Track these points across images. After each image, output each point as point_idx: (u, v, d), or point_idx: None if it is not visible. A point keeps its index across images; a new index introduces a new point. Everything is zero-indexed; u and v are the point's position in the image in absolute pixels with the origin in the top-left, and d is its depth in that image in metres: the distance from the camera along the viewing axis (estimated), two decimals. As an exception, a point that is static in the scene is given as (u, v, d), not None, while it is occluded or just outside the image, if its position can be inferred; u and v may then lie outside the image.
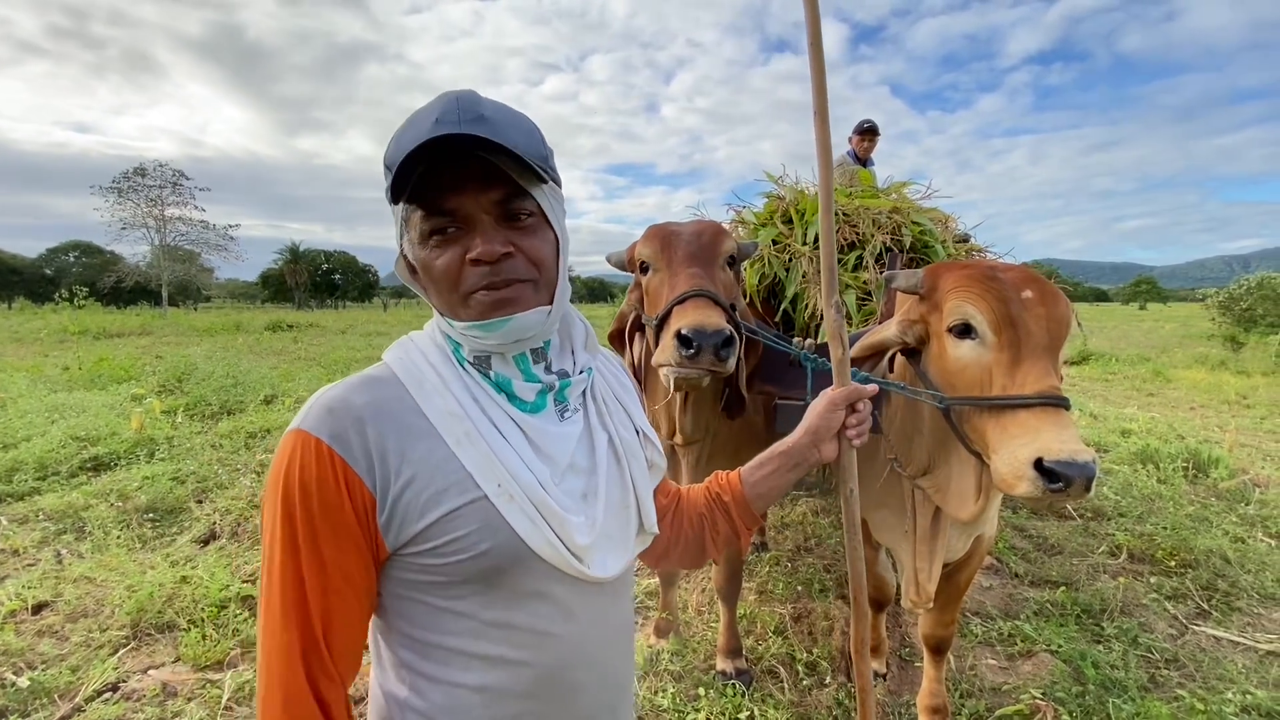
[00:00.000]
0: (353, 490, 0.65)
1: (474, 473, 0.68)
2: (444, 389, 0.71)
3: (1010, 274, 1.31)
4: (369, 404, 0.68)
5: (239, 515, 3.63)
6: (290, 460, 0.65)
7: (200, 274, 43.83)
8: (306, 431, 0.65)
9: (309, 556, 0.64)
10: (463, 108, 0.65)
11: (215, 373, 7.73)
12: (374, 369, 0.75)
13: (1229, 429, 6.03)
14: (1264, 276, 16.33)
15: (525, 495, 0.69)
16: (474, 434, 0.69)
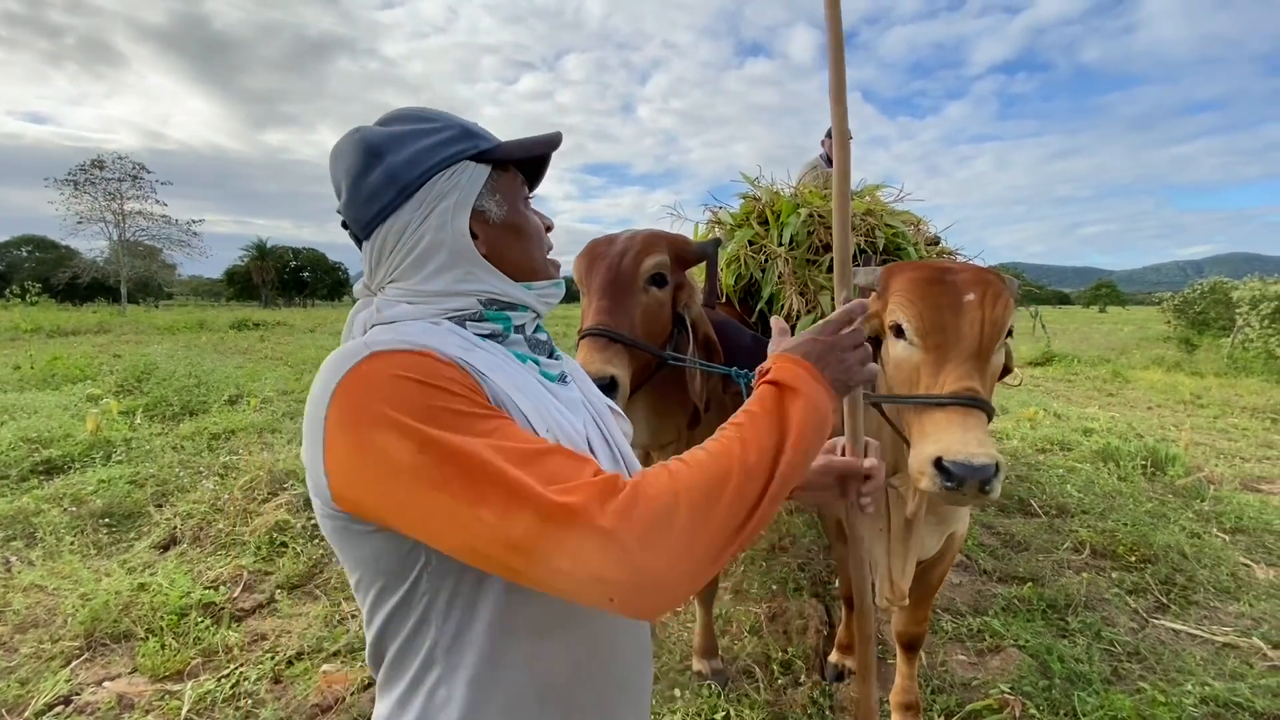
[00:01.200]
0: (471, 380, 0.63)
1: (530, 416, 0.68)
2: (473, 350, 0.70)
3: (957, 276, 1.31)
4: (428, 342, 0.64)
5: (201, 519, 3.51)
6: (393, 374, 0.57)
7: (162, 270, 42.43)
8: (391, 349, 0.60)
9: (489, 420, 0.58)
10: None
11: (177, 372, 7.49)
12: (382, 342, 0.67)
13: (1184, 428, 6.25)
14: (1215, 281, 16.98)
15: (571, 444, 0.70)
16: (522, 386, 0.70)
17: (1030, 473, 4.61)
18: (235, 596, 2.80)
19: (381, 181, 0.71)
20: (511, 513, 0.52)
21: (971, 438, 1.10)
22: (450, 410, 0.57)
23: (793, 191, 2.93)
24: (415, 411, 0.56)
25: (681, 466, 0.59)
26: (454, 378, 0.60)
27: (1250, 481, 4.66)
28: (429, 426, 0.55)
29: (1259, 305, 12.26)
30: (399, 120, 0.75)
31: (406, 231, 0.72)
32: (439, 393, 0.58)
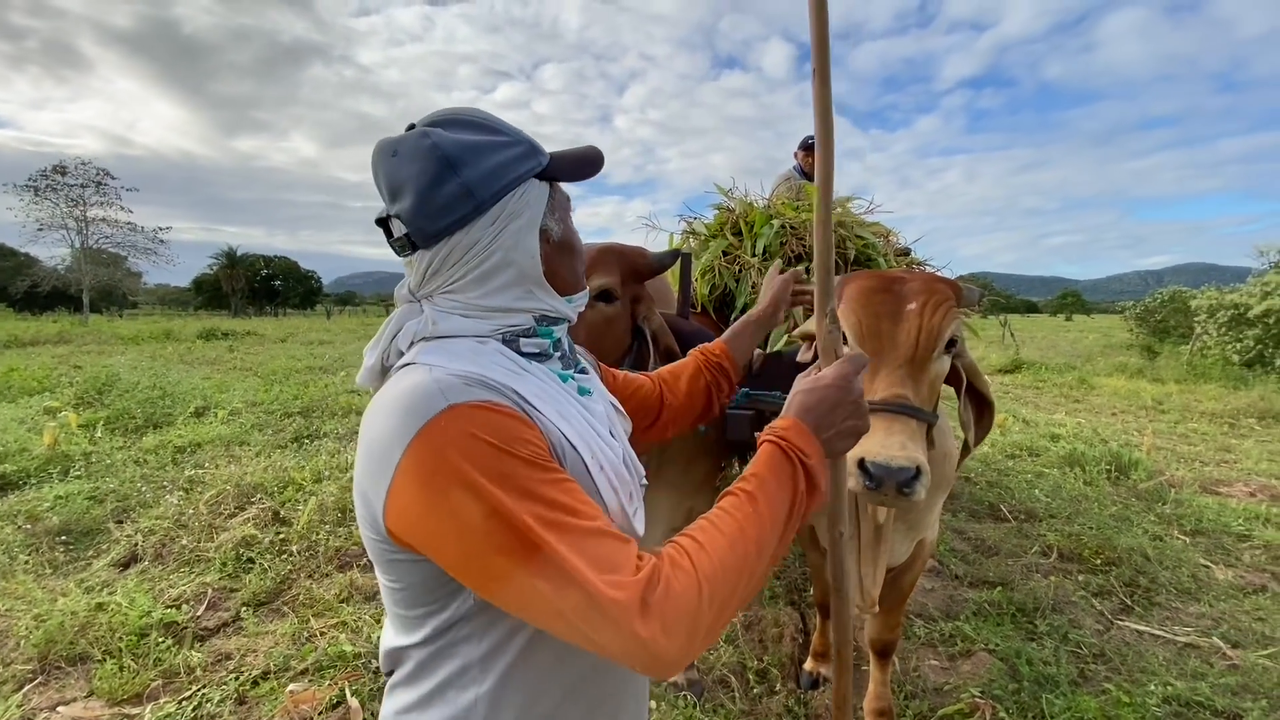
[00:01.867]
0: (534, 432, 0.65)
1: (576, 444, 0.71)
2: (521, 376, 0.72)
3: (903, 285, 1.34)
4: (482, 372, 0.68)
5: (164, 536, 3.41)
6: (470, 434, 0.60)
7: (126, 279, 41.28)
8: (464, 404, 0.62)
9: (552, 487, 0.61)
10: None
11: (140, 383, 7.28)
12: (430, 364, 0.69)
13: (1146, 433, 6.43)
14: (1175, 290, 17.57)
15: (610, 466, 0.75)
16: (566, 411, 0.73)
17: (1000, 478, 4.70)
18: (198, 615, 2.72)
19: (456, 195, 0.70)
20: (564, 591, 0.57)
21: (894, 441, 1.14)
22: (520, 476, 0.60)
23: (766, 203, 2.96)
24: (489, 474, 0.59)
25: (703, 557, 0.62)
26: (524, 438, 0.63)
27: (1209, 484, 4.80)
28: (500, 491, 0.58)
29: (1216, 314, 12.71)
30: (467, 127, 0.73)
31: (476, 247, 0.72)
32: (509, 459, 0.60)
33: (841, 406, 0.81)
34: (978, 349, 13.40)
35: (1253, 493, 4.60)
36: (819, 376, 0.85)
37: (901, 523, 1.77)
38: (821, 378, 0.84)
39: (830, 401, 0.81)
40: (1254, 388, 9.31)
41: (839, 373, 0.84)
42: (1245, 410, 7.52)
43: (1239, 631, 2.67)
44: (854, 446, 0.85)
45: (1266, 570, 3.29)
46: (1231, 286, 13.37)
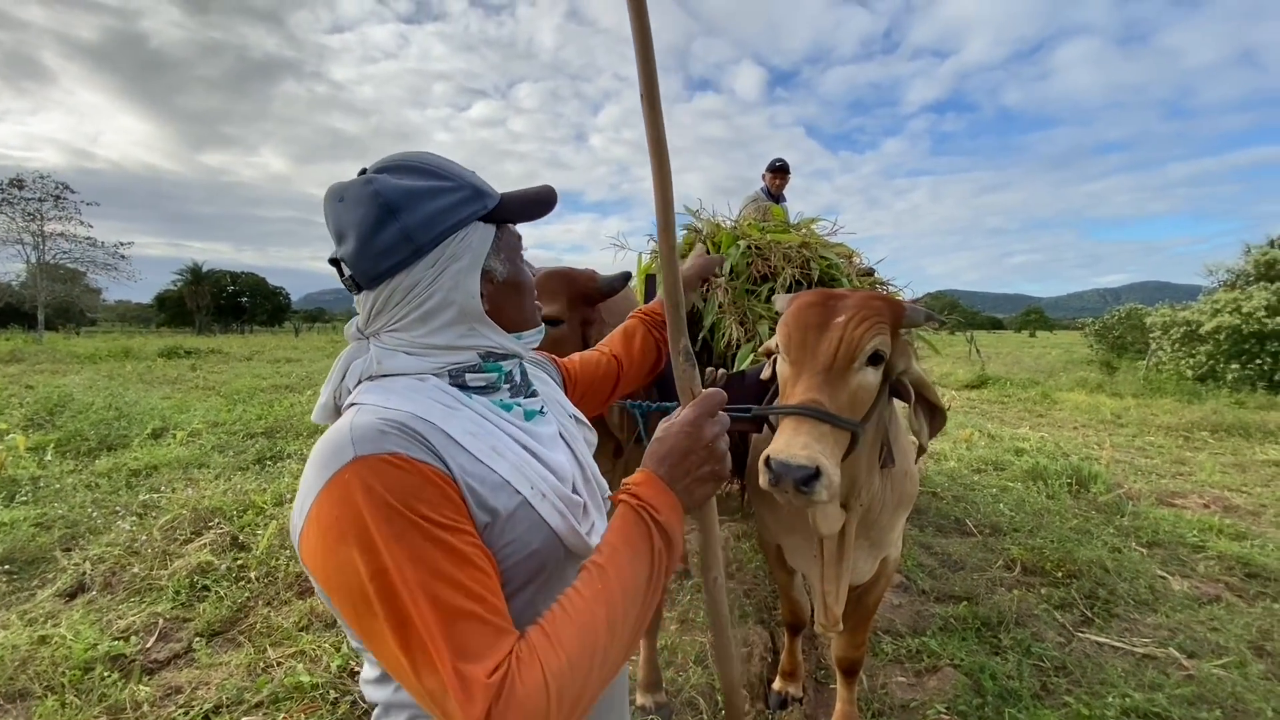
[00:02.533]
0: (446, 481, 0.66)
1: (510, 479, 0.72)
2: (456, 414, 0.74)
3: (836, 301, 1.40)
4: (404, 419, 0.68)
5: (114, 563, 3.28)
6: (367, 489, 0.61)
7: (85, 295, 39.96)
8: (371, 455, 0.63)
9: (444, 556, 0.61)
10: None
11: (95, 404, 7.04)
12: (367, 407, 0.72)
13: (1105, 446, 6.61)
14: (1131, 308, 18.22)
15: (554, 492, 0.77)
16: (500, 446, 0.74)
17: (966, 493, 4.78)
18: (148, 647, 2.61)
19: (395, 240, 0.73)
20: (424, 670, 0.58)
21: (797, 441, 1.19)
22: (411, 539, 0.60)
23: (733, 224, 3.00)
24: (381, 534, 0.59)
25: (551, 655, 0.61)
26: (426, 496, 0.63)
27: (1165, 496, 4.95)
28: (388, 553, 0.59)
29: (1170, 330, 13.20)
30: (410, 172, 0.76)
31: (417, 288, 0.75)
32: (404, 519, 0.61)
33: (693, 454, 0.79)
34: (944, 364, 13.68)
35: (1206, 504, 4.75)
36: (671, 422, 0.83)
37: (864, 539, 1.79)
38: (672, 425, 0.82)
39: (681, 450, 0.78)
40: (1206, 401, 9.66)
41: (688, 418, 0.81)
42: (1199, 423, 7.79)
43: (1194, 642, 2.74)
44: (714, 492, 0.82)
45: (1220, 580, 3.38)
46: (1184, 304, 13.91)
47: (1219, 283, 13.99)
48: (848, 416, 1.28)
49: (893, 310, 1.38)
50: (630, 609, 0.67)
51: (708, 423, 0.81)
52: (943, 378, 12.72)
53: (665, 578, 0.73)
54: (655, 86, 0.77)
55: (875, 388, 1.34)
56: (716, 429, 0.82)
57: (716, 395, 0.84)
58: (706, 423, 0.81)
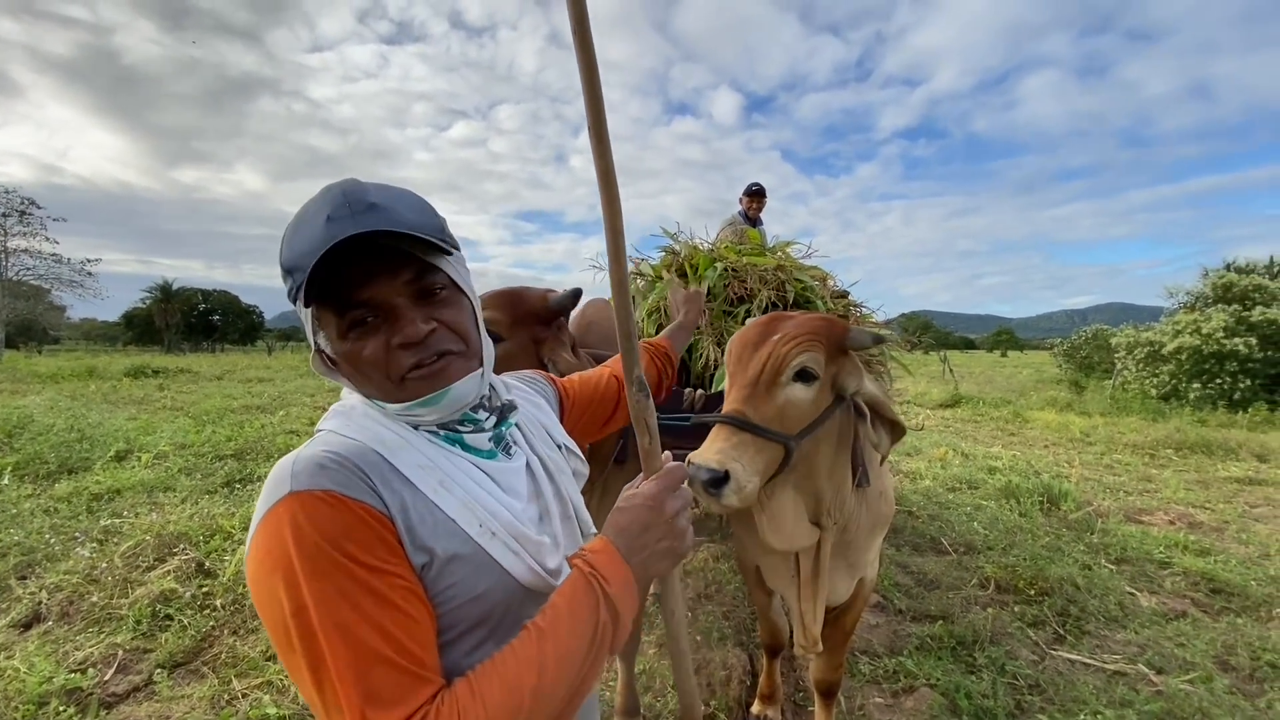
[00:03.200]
0: (379, 521, 0.64)
1: (457, 518, 0.71)
2: (407, 445, 0.73)
3: (777, 323, 1.49)
4: (350, 453, 0.68)
5: (72, 591, 3.16)
6: (297, 526, 0.60)
7: (48, 313, 38.90)
8: (305, 491, 0.62)
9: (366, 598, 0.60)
10: (351, 201, 0.68)
11: (56, 425, 6.82)
12: (322, 435, 0.73)
13: (1075, 464, 6.76)
14: (1097, 329, 18.77)
15: (506, 531, 0.74)
16: (448, 481, 0.72)
17: (941, 511, 4.84)
18: (106, 679, 2.51)
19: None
20: (333, 713, 0.58)
21: (713, 447, 1.30)
22: (335, 578, 0.59)
23: (711, 246, 3.04)
24: (305, 571, 0.59)
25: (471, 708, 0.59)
26: (356, 536, 0.62)
27: (1133, 513, 5.06)
28: (309, 591, 0.58)
29: (1134, 350, 13.61)
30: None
31: None
32: (329, 558, 0.59)
33: (654, 528, 0.77)
34: (919, 384, 13.89)
35: (1172, 521, 4.86)
36: (634, 493, 0.80)
37: (842, 560, 1.80)
38: (635, 495, 0.80)
39: (641, 523, 0.77)
40: (1171, 420, 9.94)
41: (653, 490, 0.79)
42: (1163, 441, 8.00)
43: (1162, 657, 2.79)
44: (672, 567, 0.81)
45: (1186, 596, 3.46)
46: (1147, 325, 14.37)
47: (1179, 304, 14.50)
48: (775, 429, 1.35)
49: (831, 332, 1.44)
50: (562, 679, 0.65)
51: (670, 498, 0.80)
52: (918, 397, 12.92)
53: (608, 651, 0.70)
54: (603, 118, 0.73)
55: (806, 404, 1.40)
56: (678, 504, 0.80)
57: (679, 470, 0.83)
58: (669, 498, 0.79)
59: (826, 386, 1.43)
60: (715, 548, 3.95)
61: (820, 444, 1.46)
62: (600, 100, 0.73)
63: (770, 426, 1.34)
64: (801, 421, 1.39)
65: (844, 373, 1.45)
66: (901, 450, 7.33)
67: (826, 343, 1.42)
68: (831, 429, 1.47)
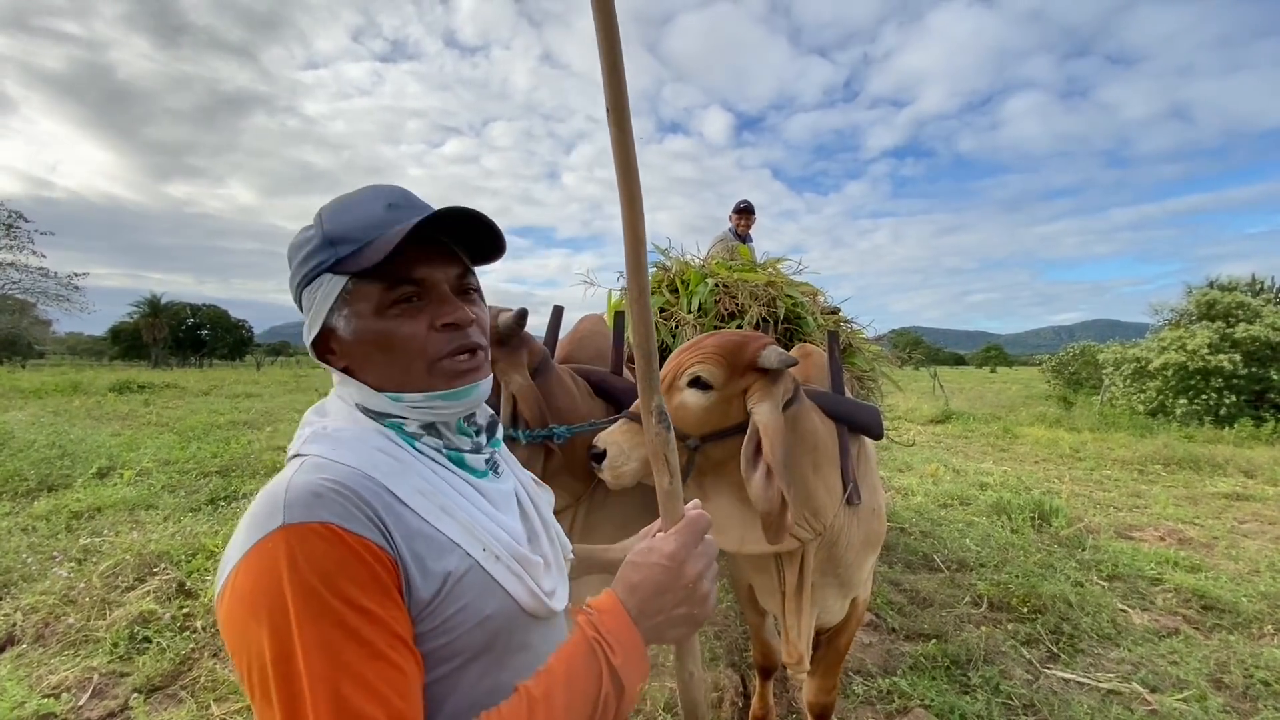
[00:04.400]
0: (379, 559, 0.60)
1: (460, 542, 0.68)
2: (403, 469, 0.69)
3: (700, 339, 1.58)
4: (347, 480, 0.63)
5: (48, 613, 3.08)
6: (290, 562, 0.55)
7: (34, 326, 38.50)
8: (300, 524, 0.57)
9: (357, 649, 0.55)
10: (409, 197, 0.74)
11: (37, 441, 6.71)
12: (311, 461, 0.67)
13: (1065, 480, 6.77)
14: (1085, 345, 18.94)
15: (508, 553, 0.71)
16: (449, 505, 0.69)
17: (933, 528, 4.83)
18: (81, 705, 2.43)
19: (291, 288, 0.75)
20: None
21: (607, 431, 1.49)
22: (324, 626, 0.55)
23: (702, 262, 3.05)
24: (296, 613, 0.55)
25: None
26: (351, 574, 0.57)
27: (1123, 529, 5.07)
28: (298, 638, 0.54)
29: (1121, 366, 13.73)
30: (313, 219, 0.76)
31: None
32: (321, 602, 0.55)
33: (671, 592, 0.70)
34: (909, 400, 13.95)
35: (1162, 537, 4.87)
36: (650, 547, 0.73)
37: (833, 578, 1.78)
38: (652, 550, 0.72)
39: (657, 585, 0.70)
40: (1158, 436, 10.01)
41: (672, 548, 0.71)
42: (1152, 457, 8.05)
43: (1156, 675, 2.77)
44: (689, 634, 0.74)
45: (1178, 613, 3.45)
46: (1133, 341, 14.52)
47: (1164, 321, 14.67)
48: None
49: (739, 350, 1.50)
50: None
51: (692, 557, 0.72)
52: (908, 413, 12.96)
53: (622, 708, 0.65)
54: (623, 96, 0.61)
55: (701, 409, 1.49)
56: (701, 564, 0.72)
57: (702, 521, 0.75)
58: (691, 557, 0.72)
59: (736, 400, 1.49)
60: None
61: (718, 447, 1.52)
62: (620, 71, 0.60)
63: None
64: (699, 425, 1.49)
65: (755, 390, 1.48)
66: (893, 466, 7.33)
67: (730, 359, 1.49)
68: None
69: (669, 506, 0.76)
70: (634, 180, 0.65)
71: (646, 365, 0.73)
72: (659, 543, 0.73)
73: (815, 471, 1.56)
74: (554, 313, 2.08)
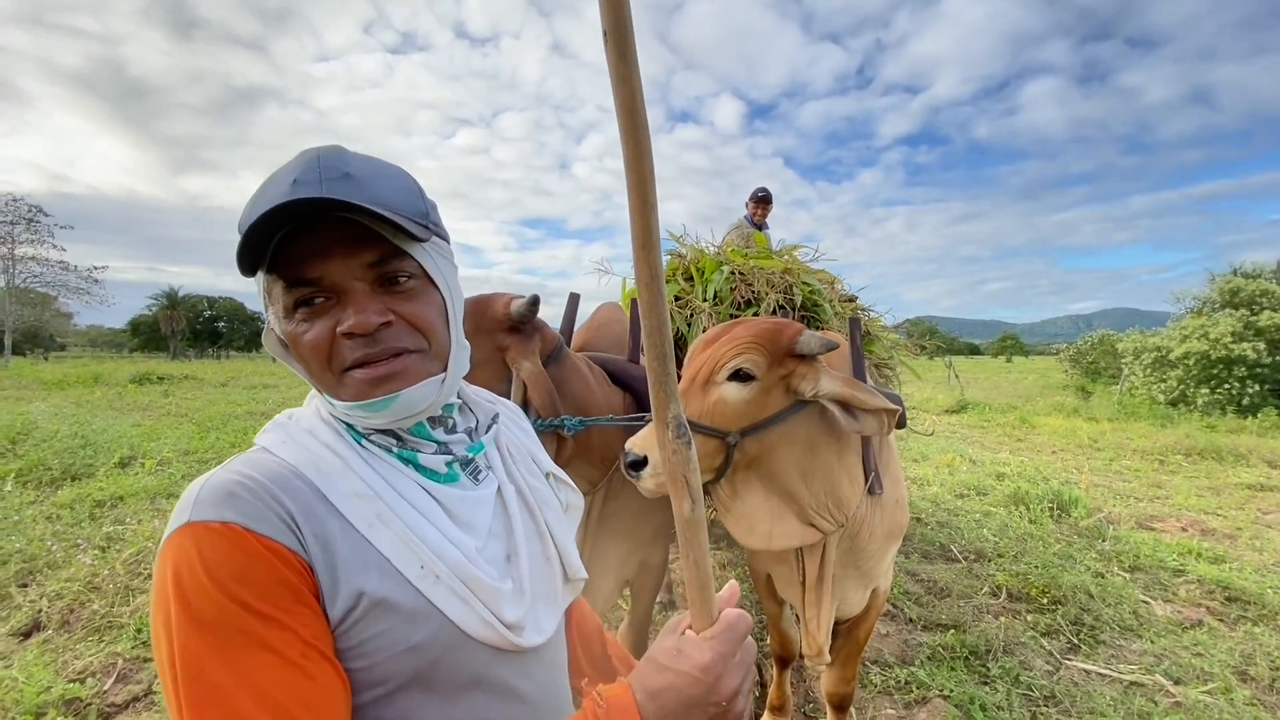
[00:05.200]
0: (287, 562, 0.54)
1: (392, 557, 0.60)
2: (345, 469, 0.62)
3: (730, 328, 1.54)
4: (269, 478, 0.58)
5: (73, 599, 3.13)
6: (188, 563, 0.51)
7: (55, 319, 39.13)
8: (203, 522, 0.53)
9: (255, 655, 0.50)
10: (324, 166, 0.59)
11: (60, 432, 6.82)
12: (251, 453, 0.63)
13: (1084, 470, 6.69)
14: (1103, 334, 18.66)
15: (452, 573, 0.62)
16: (387, 514, 0.61)
17: (950, 518, 4.78)
18: (105, 689, 2.48)
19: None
20: None
21: (641, 435, 1.43)
22: (218, 630, 0.51)
23: (717, 250, 3.02)
24: (188, 616, 0.50)
25: None
26: (254, 578, 0.52)
27: (1144, 520, 4.99)
28: (190, 641, 0.50)
29: (1141, 356, 13.51)
30: None
31: None
32: (218, 607, 0.51)
33: (699, 709, 0.58)
34: (924, 389, 13.83)
35: (1184, 528, 4.80)
36: (682, 647, 0.60)
37: (854, 569, 1.76)
38: (684, 653, 0.60)
39: (683, 698, 0.58)
40: (1179, 425, 9.86)
41: (709, 660, 0.59)
42: (1172, 447, 7.92)
43: (1180, 667, 2.73)
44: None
45: (1201, 605, 3.40)
46: (1153, 330, 14.28)
47: (1186, 309, 14.40)
48: (706, 424, 1.42)
49: (777, 337, 1.45)
50: None
51: (730, 670, 0.59)
52: (923, 402, 12.86)
53: None
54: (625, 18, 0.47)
55: (740, 402, 1.44)
56: (737, 679, 0.60)
57: (742, 623, 0.62)
58: (728, 670, 0.59)
59: (775, 389, 1.45)
60: (723, 555, 3.91)
61: (777, 445, 1.47)
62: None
63: (701, 421, 1.42)
64: (739, 419, 1.43)
65: (796, 376, 1.45)
66: (908, 456, 7.28)
67: (770, 347, 1.44)
68: (791, 431, 1.47)
69: (692, 538, 0.63)
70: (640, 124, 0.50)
71: (661, 368, 0.58)
72: (692, 647, 0.60)
73: (839, 460, 1.54)
74: (570, 300, 2.07)
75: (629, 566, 2.06)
